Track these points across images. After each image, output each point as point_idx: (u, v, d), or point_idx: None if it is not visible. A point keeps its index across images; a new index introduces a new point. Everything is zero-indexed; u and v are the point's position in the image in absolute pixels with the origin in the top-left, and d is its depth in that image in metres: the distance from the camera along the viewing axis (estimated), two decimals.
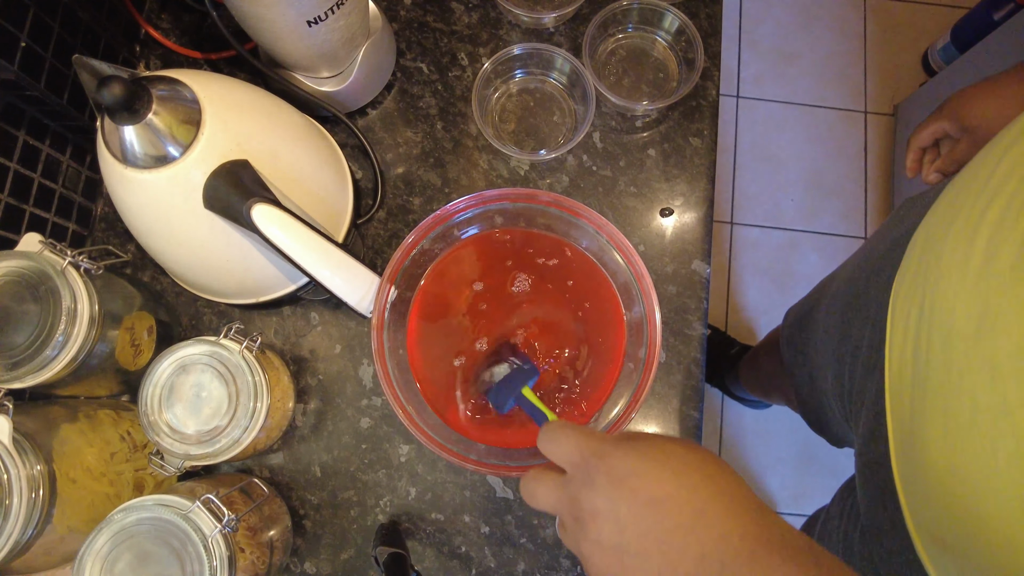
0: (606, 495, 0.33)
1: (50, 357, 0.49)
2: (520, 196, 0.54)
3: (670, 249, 0.67)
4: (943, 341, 0.40)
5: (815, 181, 1.62)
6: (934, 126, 0.70)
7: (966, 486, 0.37)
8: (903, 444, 0.45)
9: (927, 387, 0.41)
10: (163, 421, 0.51)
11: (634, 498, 0.32)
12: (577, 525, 0.34)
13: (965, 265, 0.39)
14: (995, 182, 0.39)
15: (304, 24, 0.54)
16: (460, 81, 0.71)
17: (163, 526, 0.46)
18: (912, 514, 0.45)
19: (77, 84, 0.60)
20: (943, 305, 0.40)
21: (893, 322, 0.49)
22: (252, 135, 0.50)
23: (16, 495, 0.44)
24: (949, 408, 0.38)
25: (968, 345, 0.37)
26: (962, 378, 0.37)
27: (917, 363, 0.43)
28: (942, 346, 0.40)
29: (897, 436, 0.46)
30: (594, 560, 0.34)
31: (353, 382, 0.64)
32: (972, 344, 0.37)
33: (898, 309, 0.49)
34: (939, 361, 0.40)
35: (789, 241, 1.58)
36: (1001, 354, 0.34)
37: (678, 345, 0.64)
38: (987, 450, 0.35)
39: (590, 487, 0.34)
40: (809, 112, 1.65)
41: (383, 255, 0.67)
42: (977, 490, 0.36)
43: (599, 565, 0.33)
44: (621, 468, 0.33)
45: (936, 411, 0.40)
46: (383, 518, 0.62)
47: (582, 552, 0.34)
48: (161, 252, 0.54)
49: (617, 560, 0.33)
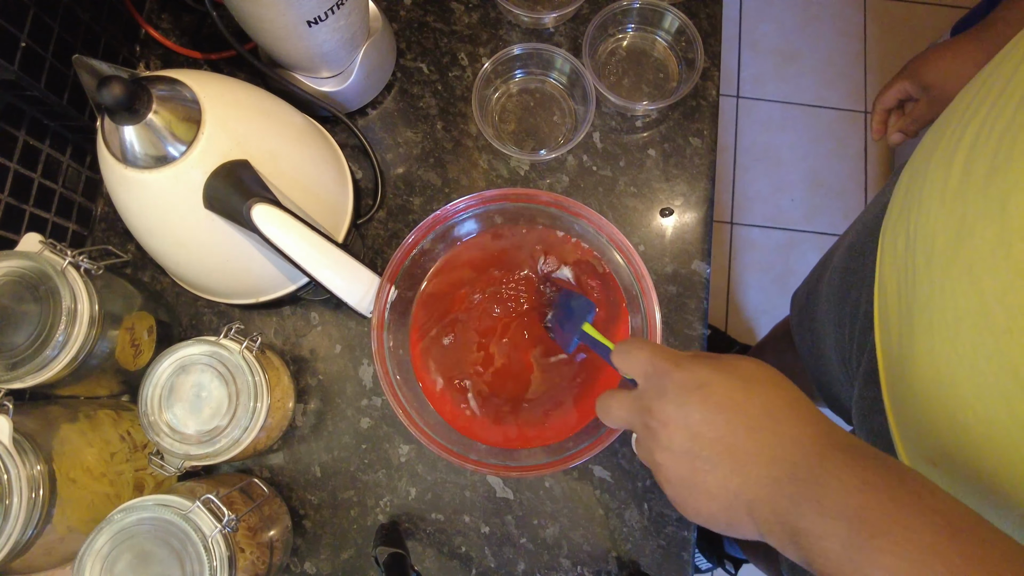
0: (678, 402, 0.34)
1: (50, 357, 0.49)
2: (520, 196, 0.54)
3: (670, 249, 0.67)
4: (926, 259, 0.41)
5: (815, 181, 1.62)
6: (896, 86, 0.75)
7: (952, 396, 0.38)
8: (892, 372, 0.46)
9: (914, 308, 0.43)
10: (163, 421, 0.51)
11: (705, 405, 0.34)
12: (649, 434, 0.36)
13: (944, 186, 0.40)
14: (969, 113, 0.41)
15: (304, 24, 0.54)
16: (460, 81, 0.71)
17: (163, 526, 0.46)
18: (904, 443, 0.46)
19: (77, 84, 0.60)
20: (925, 227, 0.42)
21: (882, 259, 0.50)
22: (252, 135, 0.50)
23: (16, 495, 0.44)
24: (934, 322, 0.40)
25: (948, 257, 0.38)
26: (944, 288, 0.38)
27: (904, 288, 0.44)
28: (926, 265, 0.41)
29: (887, 367, 0.47)
30: (666, 466, 0.35)
31: (353, 382, 0.64)
32: (952, 255, 0.38)
33: (886, 246, 0.50)
34: (924, 279, 0.41)
35: (789, 241, 1.58)
36: (977, 255, 0.35)
37: (678, 345, 0.64)
38: (969, 353, 0.36)
39: (662, 396, 0.35)
40: (809, 112, 1.65)
41: (383, 255, 0.67)
42: (962, 397, 0.37)
43: (671, 470, 0.35)
44: (693, 378, 0.35)
45: (923, 328, 0.41)
46: (383, 518, 0.62)
47: (655, 460, 0.36)
48: (161, 252, 0.54)
49: (688, 464, 0.34)
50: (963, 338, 0.37)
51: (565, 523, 0.62)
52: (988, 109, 0.39)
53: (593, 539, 0.61)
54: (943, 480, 0.41)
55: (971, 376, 0.36)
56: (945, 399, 0.39)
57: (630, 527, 0.61)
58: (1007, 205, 0.34)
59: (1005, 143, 0.35)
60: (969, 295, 0.36)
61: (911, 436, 0.45)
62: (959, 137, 0.41)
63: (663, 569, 0.61)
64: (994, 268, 0.34)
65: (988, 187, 0.36)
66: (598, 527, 0.62)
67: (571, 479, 0.62)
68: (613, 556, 0.61)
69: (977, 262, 0.35)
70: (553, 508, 0.62)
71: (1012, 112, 0.36)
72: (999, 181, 0.35)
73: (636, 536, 0.61)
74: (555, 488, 0.62)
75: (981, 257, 0.35)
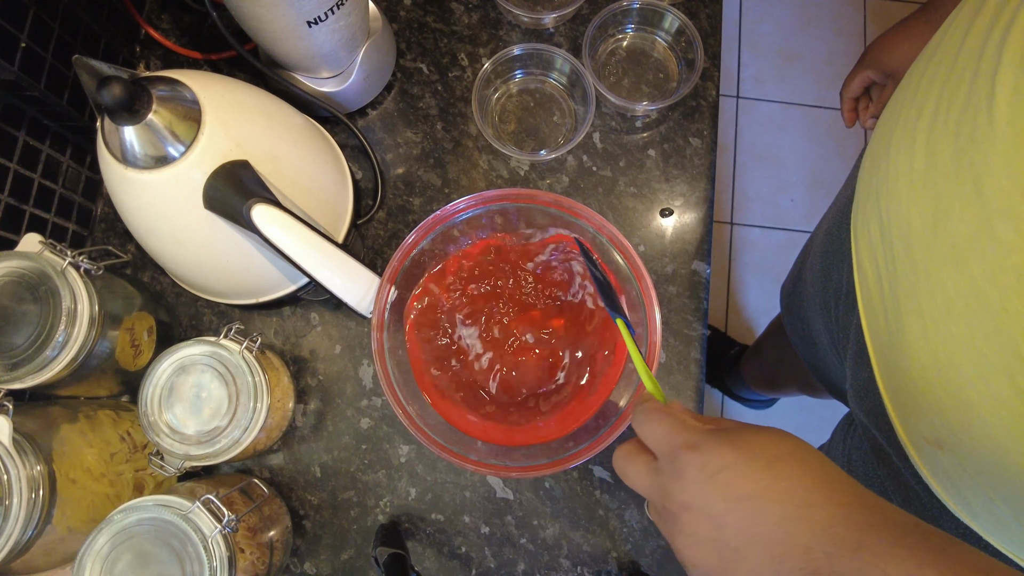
0: (697, 490, 0.33)
1: (50, 357, 0.49)
2: (520, 196, 0.54)
3: (670, 249, 0.67)
4: (905, 244, 0.41)
5: (815, 181, 1.62)
6: (859, 76, 0.76)
7: (953, 378, 0.38)
8: (885, 356, 0.46)
9: (899, 293, 0.42)
10: (163, 421, 0.51)
11: (727, 492, 0.32)
12: (669, 516, 0.34)
13: (910, 170, 0.40)
14: (920, 94, 0.42)
15: (304, 25, 0.54)
16: (460, 81, 0.71)
17: (163, 526, 0.46)
18: (903, 425, 0.45)
19: (77, 85, 0.60)
20: (898, 212, 0.42)
21: (857, 245, 0.50)
22: (252, 135, 0.50)
23: (16, 495, 0.44)
24: (923, 307, 0.39)
25: (928, 241, 0.38)
26: (929, 273, 0.38)
27: (885, 272, 0.44)
28: (905, 249, 0.41)
29: (877, 350, 0.47)
30: (689, 553, 0.33)
31: (353, 382, 0.64)
32: (931, 239, 0.38)
33: (859, 229, 0.50)
34: (904, 264, 0.41)
35: (789, 241, 1.58)
36: (959, 239, 0.35)
37: (678, 346, 0.64)
38: (965, 334, 0.36)
39: (680, 480, 0.33)
40: (809, 112, 1.65)
41: (383, 255, 0.67)
42: (964, 378, 0.37)
43: (696, 558, 0.33)
44: (712, 462, 0.33)
45: (911, 314, 0.41)
46: (383, 518, 0.62)
47: (675, 544, 0.34)
48: (161, 252, 0.54)
49: (715, 554, 0.32)
50: (957, 320, 0.36)
51: (565, 524, 0.62)
52: (940, 89, 0.39)
53: (593, 540, 0.61)
54: (952, 461, 0.41)
55: (971, 357, 0.36)
56: (946, 381, 0.38)
57: (630, 528, 0.61)
58: (981, 188, 0.34)
59: (965, 124, 0.35)
60: (957, 278, 0.36)
61: (910, 419, 0.45)
62: (916, 117, 0.41)
63: (663, 570, 0.61)
64: (980, 250, 0.34)
65: (959, 170, 0.35)
66: (598, 528, 0.62)
67: (571, 480, 0.62)
68: (613, 557, 0.61)
69: (960, 244, 0.35)
70: (553, 508, 0.62)
71: (966, 92, 0.36)
72: (967, 163, 0.35)
73: (636, 537, 0.61)
74: (555, 489, 0.62)
75: (964, 240, 0.35)
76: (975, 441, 0.38)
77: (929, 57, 0.44)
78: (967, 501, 0.43)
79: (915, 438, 0.45)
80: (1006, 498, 0.39)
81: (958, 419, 0.39)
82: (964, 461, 0.40)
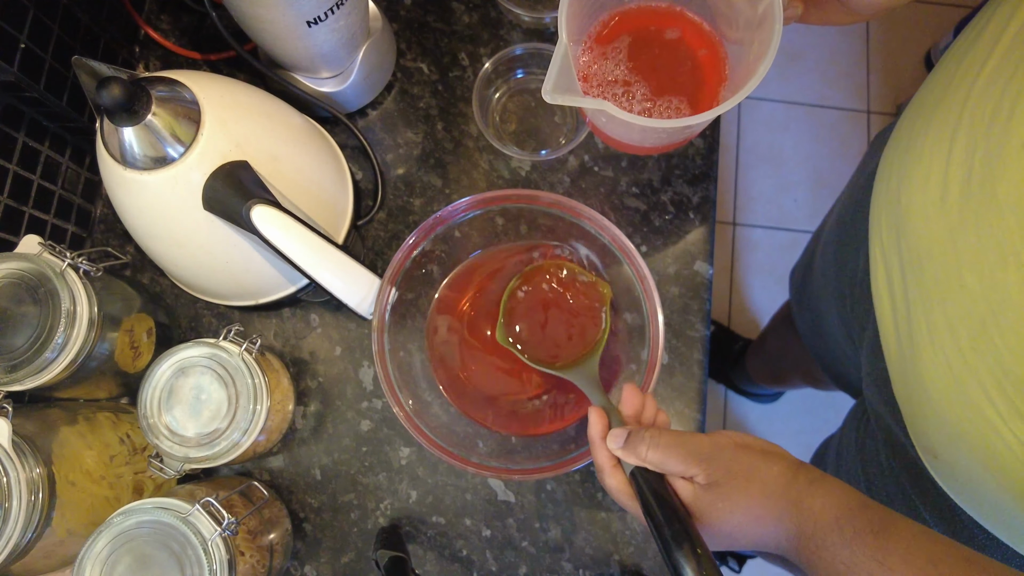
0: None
1: (49, 359, 0.49)
2: (521, 197, 0.54)
3: (672, 250, 0.66)
4: (917, 273, 0.44)
5: (818, 181, 1.61)
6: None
7: (951, 399, 0.41)
8: (898, 365, 0.48)
9: (912, 313, 0.45)
10: (162, 424, 0.51)
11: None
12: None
13: (924, 199, 0.44)
14: (954, 113, 0.43)
15: (304, 25, 0.54)
16: (460, 81, 0.71)
17: (163, 529, 0.45)
18: (911, 427, 0.48)
19: (76, 85, 0.60)
20: (913, 235, 0.45)
21: (872, 244, 0.52)
22: (251, 136, 0.50)
23: (15, 498, 0.44)
24: (934, 328, 0.42)
25: (937, 267, 0.42)
26: (944, 300, 0.41)
27: (899, 285, 0.47)
28: (916, 277, 0.44)
29: (893, 358, 0.49)
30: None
31: (353, 384, 0.64)
32: (940, 265, 0.41)
33: (873, 232, 0.52)
34: (915, 288, 0.44)
35: (792, 241, 1.57)
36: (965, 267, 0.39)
37: (680, 347, 0.64)
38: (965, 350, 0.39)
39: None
40: (812, 112, 1.65)
41: (383, 256, 0.67)
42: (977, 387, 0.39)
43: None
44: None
45: (922, 332, 0.44)
46: (384, 521, 0.62)
47: None
48: (160, 254, 0.54)
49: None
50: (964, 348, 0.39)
51: (567, 526, 0.61)
52: (985, 125, 0.40)
53: (595, 543, 0.61)
54: (946, 473, 0.44)
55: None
56: (949, 401, 0.41)
57: (632, 531, 0.61)
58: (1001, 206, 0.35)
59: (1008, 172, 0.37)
60: (963, 311, 0.39)
61: (916, 424, 0.47)
62: (947, 154, 0.42)
63: (666, 573, 0.61)
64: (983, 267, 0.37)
65: (965, 213, 0.39)
66: (600, 530, 0.61)
67: (573, 482, 0.62)
68: (615, 560, 0.61)
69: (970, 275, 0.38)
70: (555, 511, 0.62)
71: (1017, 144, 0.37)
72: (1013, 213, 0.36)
73: (639, 540, 0.61)
74: (557, 491, 0.62)
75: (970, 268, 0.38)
76: (973, 463, 0.41)
77: (971, 82, 0.43)
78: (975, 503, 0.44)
79: (917, 441, 0.46)
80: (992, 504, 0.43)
81: (953, 441, 0.42)
82: (959, 478, 0.43)
